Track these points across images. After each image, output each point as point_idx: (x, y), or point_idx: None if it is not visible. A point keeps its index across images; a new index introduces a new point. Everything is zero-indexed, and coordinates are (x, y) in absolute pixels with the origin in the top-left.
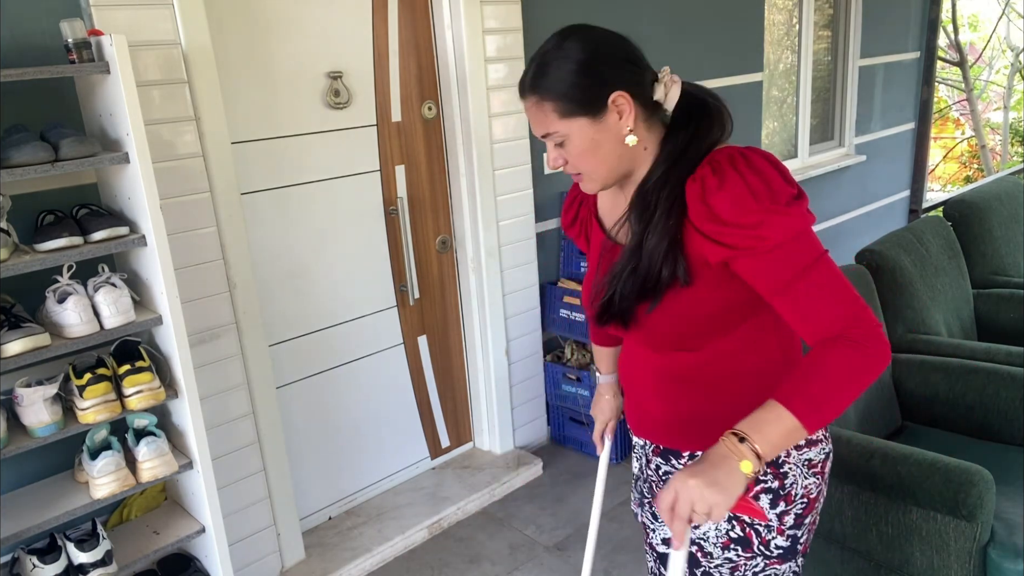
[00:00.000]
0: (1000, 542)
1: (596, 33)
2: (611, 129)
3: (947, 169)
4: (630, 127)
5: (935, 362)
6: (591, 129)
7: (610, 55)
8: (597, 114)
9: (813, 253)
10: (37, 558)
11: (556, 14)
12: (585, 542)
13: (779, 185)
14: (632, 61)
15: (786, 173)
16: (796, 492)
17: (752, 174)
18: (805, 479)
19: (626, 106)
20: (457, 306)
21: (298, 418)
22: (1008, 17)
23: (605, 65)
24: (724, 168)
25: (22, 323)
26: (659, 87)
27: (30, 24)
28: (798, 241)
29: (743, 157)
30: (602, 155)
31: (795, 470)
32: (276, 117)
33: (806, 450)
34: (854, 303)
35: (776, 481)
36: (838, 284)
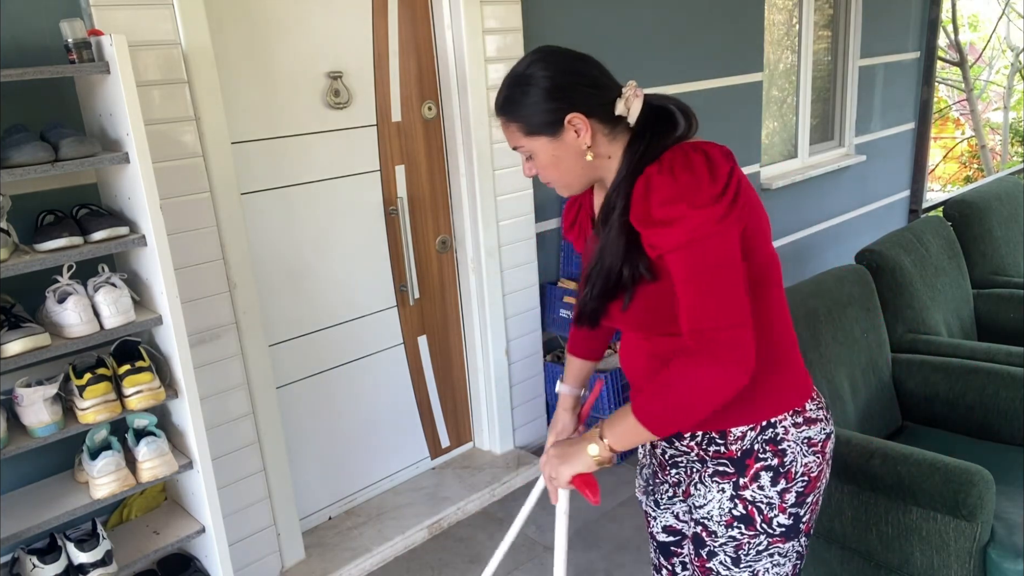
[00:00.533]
0: (1000, 542)
1: (560, 59)
2: (570, 145)
3: (947, 169)
4: (587, 144)
5: (935, 362)
6: (551, 146)
7: (569, 81)
8: (555, 133)
9: (709, 259)
10: (37, 558)
11: (556, 14)
12: (585, 542)
13: (704, 184)
14: (591, 84)
15: (717, 170)
16: (796, 470)
17: (684, 172)
18: (805, 457)
19: (582, 126)
20: (457, 306)
21: (298, 418)
22: (1008, 17)
23: (563, 91)
24: (664, 167)
25: (22, 323)
26: (620, 103)
27: (30, 24)
28: (700, 243)
29: (683, 155)
30: (564, 168)
31: (794, 447)
32: (276, 117)
33: (805, 428)
34: (724, 318)
35: (776, 459)
36: (719, 296)
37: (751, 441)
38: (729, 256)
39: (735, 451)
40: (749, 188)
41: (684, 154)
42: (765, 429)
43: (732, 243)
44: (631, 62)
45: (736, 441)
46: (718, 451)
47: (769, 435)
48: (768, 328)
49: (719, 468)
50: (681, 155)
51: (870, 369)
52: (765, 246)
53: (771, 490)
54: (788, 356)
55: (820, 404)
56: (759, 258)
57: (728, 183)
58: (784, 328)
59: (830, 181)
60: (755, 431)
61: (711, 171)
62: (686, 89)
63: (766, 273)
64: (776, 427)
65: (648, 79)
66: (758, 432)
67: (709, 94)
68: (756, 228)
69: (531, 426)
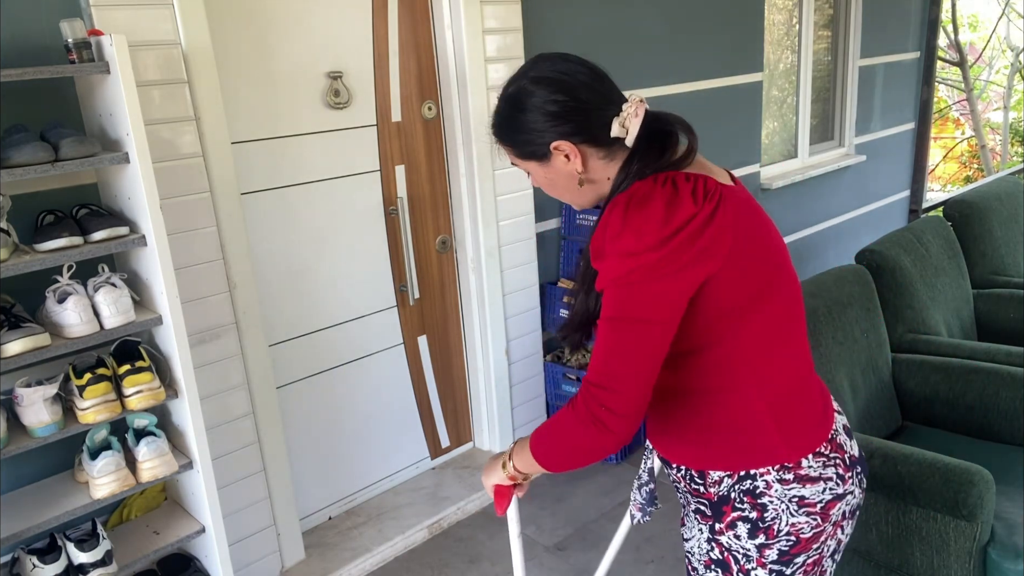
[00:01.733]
0: (1000, 542)
1: (553, 79)
2: (560, 169)
3: (947, 169)
4: (579, 169)
5: (935, 362)
6: (542, 170)
7: (560, 107)
8: (543, 159)
9: (625, 308)
10: (37, 558)
11: (556, 14)
12: (584, 542)
13: (651, 227)
14: (584, 108)
15: (676, 212)
16: (780, 527)
17: (637, 210)
18: (793, 516)
19: (570, 152)
20: (457, 306)
21: (298, 418)
22: (1008, 17)
23: (552, 117)
24: (625, 199)
25: (22, 323)
26: (616, 124)
27: (30, 24)
28: (623, 289)
29: (649, 188)
30: (560, 189)
31: (778, 504)
32: (276, 117)
33: (796, 486)
34: (610, 379)
35: (754, 512)
36: (616, 353)
37: (728, 488)
38: (648, 309)
39: (713, 494)
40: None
41: (651, 188)
42: (743, 479)
43: (658, 296)
44: (631, 62)
45: (714, 484)
46: (697, 490)
47: (747, 486)
48: (755, 372)
49: (700, 507)
50: (647, 188)
51: (870, 369)
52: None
53: (748, 542)
54: (784, 405)
55: (833, 462)
56: (734, 297)
57: (681, 229)
58: (782, 375)
59: (830, 181)
60: (732, 479)
61: (668, 212)
62: (686, 89)
63: (749, 312)
64: (756, 480)
65: (648, 79)
66: (735, 480)
67: (709, 94)
68: (738, 271)
69: (531, 426)
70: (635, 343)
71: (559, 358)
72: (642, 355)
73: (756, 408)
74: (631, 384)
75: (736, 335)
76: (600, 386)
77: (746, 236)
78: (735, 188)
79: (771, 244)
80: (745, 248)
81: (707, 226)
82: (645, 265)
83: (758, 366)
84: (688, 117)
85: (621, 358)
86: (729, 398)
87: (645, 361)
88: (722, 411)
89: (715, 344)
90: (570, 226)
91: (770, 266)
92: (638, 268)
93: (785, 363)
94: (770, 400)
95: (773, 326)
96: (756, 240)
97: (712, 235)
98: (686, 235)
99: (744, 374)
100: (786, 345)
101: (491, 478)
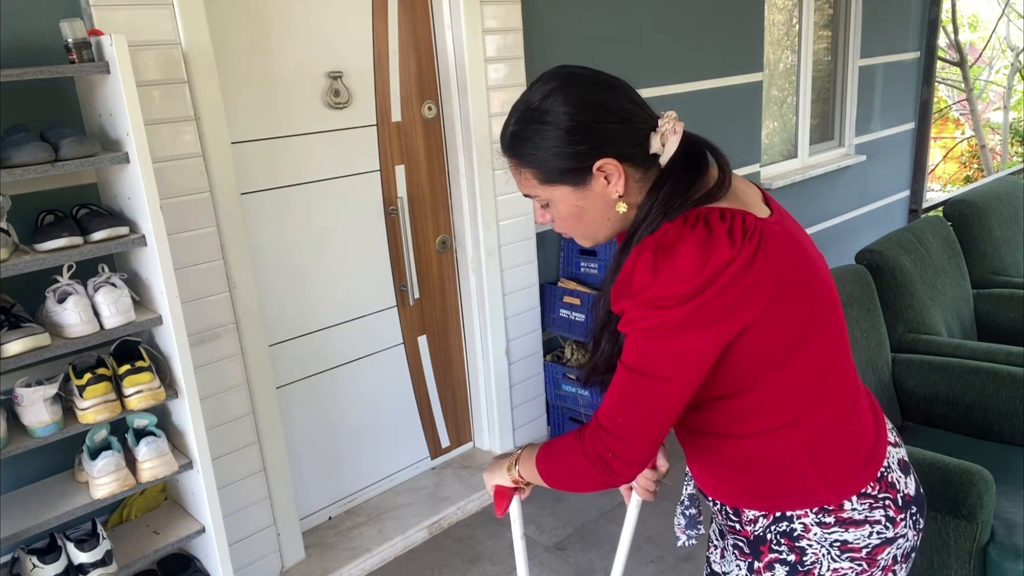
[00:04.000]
0: (1000, 542)
1: (583, 88)
2: (597, 195)
3: (947, 169)
4: (619, 193)
5: (935, 362)
6: (574, 197)
7: (598, 117)
8: (580, 183)
9: (644, 361)
10: (37, 558)
11: (556, 14)
12: (584, 542)
13: (680, 277)
14: (625, 120)
15: (710, 258)
16: (820, 572)
17: (667, 258)
18: (835, 561)
19: (614, 172)
20: (457, 306)
21: (298, 418)
22: (1008, 17)
23: (591, 131)
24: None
25: (22, 323)
26: (655, 138)
27: (30, 24)
28: (645, 342)
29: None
30: (587, 220)
31: (817, 548)
32: (276, 117)
33: (838, 530)
34: (619, 428)
35: (792, 555)
36: (630, 403)
37: (763, 528)
38: (669, 367)
39: (749, 532)
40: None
41: (683, 229)
42: (779, 520)
43: (682, 353)
44: (631, 62)
45: (749, 523)
46: (733, 527)
47: (784, 527)
48: (793, 414)
49: (737, 543)
50: (677, 230)
51: (870, 369)
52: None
53: None
54: (824, 445)
55: (882, 503)
56: (773, 342)
57: (716, 278)
58: (823, 414)
59: (830, 181)
60: (767, 519)
61: (701, 257)
62: (686, 89)
63: (789, 354)
64: (793, 522)
65: (648, 79)
66: (771, 521)
67: (709, 94)
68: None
69: (531, 426)
70: (651, 399)
71: (559, 358)
72: (657, 411)
73: (791, 450)
74: (643, 436)
75: (774, 379)
76: (609, 432)
77: (789, 277)
78: (775, 219)
79: (815, 278)
80: (788, 290)
81: (747, 271)
82: (672, 320)
83: (797, 408)
84: (688, 117)
85: (636, 411)
86: (764, 440)
87: (659, 417)
88: (756, 453)
89: (750, 389)
90: None
91: (814, 303)
92: (666, 322)
93: (827, 401)
94: (808, 440)
95: (815, 365)
96: (800, 278)
97: (752, 280)
98: (722, 283)
99: (781, 417)
100: (829, 381)
101: (494, 478)
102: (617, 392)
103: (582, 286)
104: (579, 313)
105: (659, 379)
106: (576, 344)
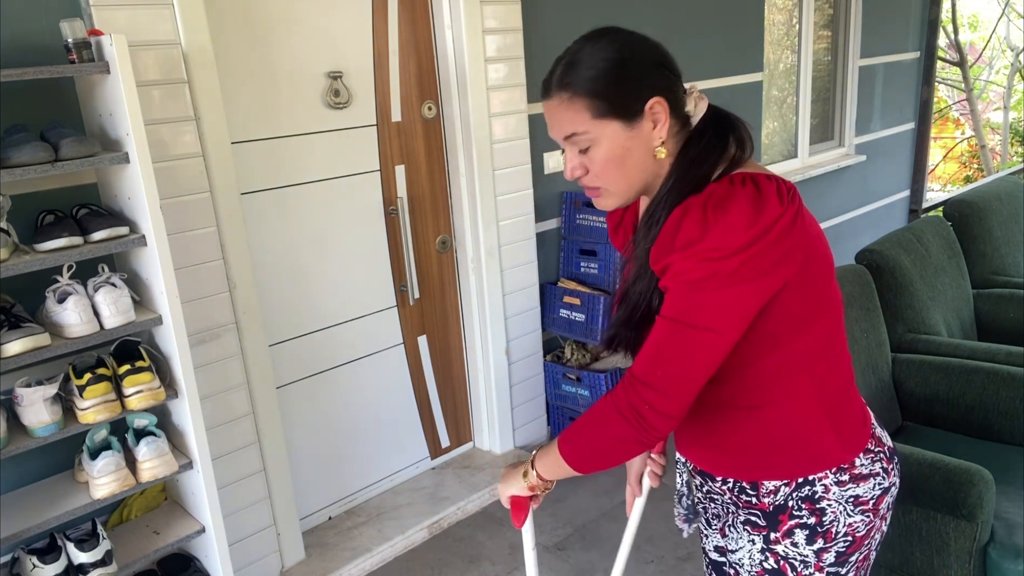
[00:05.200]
0: (1000, 542)
1: (629, 35)
2: (643, 138)
3: (947, 169)
4: (663, 138)
5: (935, 362)
6: (623, 135)
7: (647, 57)
8: (633, 119)
9: (691, 312)
10: (37, 558)
11: (556, 14)
12: (584, 542)
13: (735, 230)
14: (668, 67)
15: (762, 214)
16: (838, 529)
17: (719, 213)
18: (850, 517)
19: (662, 114)
20: (457, 306)
21: (298, 418)
22: (1008, 17)
23: (643, 67)
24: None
25: (22, 323)
26: (690, 99)
27: (30, 24)
28: (692, 293)
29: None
30: (629, 166)
31: (836, 507)
32: (276, 117)
33: (852, 486)
34: (661, 380)
35: (813, 517)
36: (672, 356)
37: (784, 497)
38: (716, 318)
39: (767, 504)
40: (803, 233)
41: (732, 187)
42: (801, 486)
43: (729, 304)
44: None
45: (768, 495)
46: (749, 501)
47: (806, 492)
48: (813, 378)
49: (751, 518)
50: (726, 188)
51: (870, 369)
52: (814, 291)
53: (806, 548)
54: (837, 408)
55: (878, 456)
56: (801, 305)
57: (767, 232)
58: (835, 378)
59: (830, 181)
60: (789, 487)
61: (754, 212)
62: None
63: (811, 320)
64: (815, 485)
65: None
66: (793, 488)
67: (709, 94)
68: (806, 277)
69: (531, 426)
70: (695, 351)
71: (559, 358)
72: (699, 363)
73: (814, 415)
74: (682, 389)
75: (795, 342)
76: (648, 385)
77: (814, 242)
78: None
79: (827, 251)
80: (814, 254)
81: (791, 229)
82: (725, 270)
83: (817, 372)
84: None
85: (677, 363)
86: (786, 409)
87: (701, 369)
88: (779, 423)
89: (771, 352)
90: (570, 226)
91: (829, 274)
92: (716, 273)
93: (839, 365)
94: (827, 405)
95: (829, 331)
96: (819, 246)
97: (795, 239)
98: (773, 237)
99: (803, 382)
100: (841, 345)
101: (510, 488)
102: (656, 344)
103: (582, 286)
104: (579, 313)
105: (703, 329)
106: (576, 344)
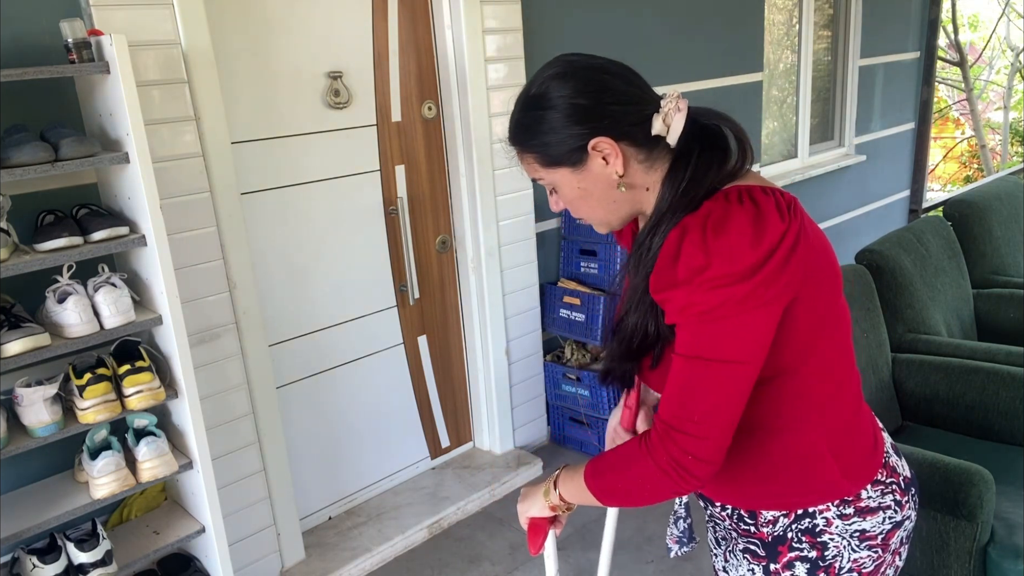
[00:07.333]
0: (1000, 542)
1: (581, 72)
2: (598, 175)
3: (947, 169)
4: (619, 172)
5: (935, 362)
6: (575, 179)
7: (593, 98)
8: (578, 163)
9: (712, 346)
10: (37, 558)
11: (556, 14)
12: (584, 542)
13: (739, 252)
14: (620, 100)
15: (765, 232)
16: (841, 565)
17: (718, 234)
18: (855, 552)
19: (610, 151)
20: (457, 306)
21: (298, 418)
22: (1008, 17)
23: (586, 111)
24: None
25: (22, 323)
26: (657, 119)
27: (30, 24)
28: (708, 325)
29: (726, 207)
30: (594, 202)
31: (839, 541)
32: (276, 117)
33: (857, 520)
34: (695, 424)
35: (814, 551)
36: (702, 395)
37: (784, 528)
38: (737, 348)
39: (766, 534)
40: (809, 247)
41: (729, 205)
42: (801, 518)
43: (748, 332)
44: (631, 62)
45: (767, 524)
46: (747, 530)
47: (806, 525)
48: (817, 403)
49: (750, 546)
50: (723, 207)
51: (870, 369)
52: (821, 307)
53: None
54: (843, 435)
55: (889, 488)
56: (808, 323)
57: (774, 251)
58: (841, 402)
59: (830, 181)
60: (788, 518)
61: (756, 233)
62: (686, 89)
63: (818, 340)
64: (815, 517)
65: (648, 79)
66: (792, 520)
67: (709, 94)
68: (812, 294)
69: (531, 426)
70: (723, 386)
71: (559, 358)
72: (730, 398)
73: (815, 443)
74: (717, 429)
75: (800, 366)
76: (683, 431)
77: (817, 253)
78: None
79: (833, 264)
80: (817, 267)
81: (797, 244)
82: (735, 297)
83: (819, 398)
84: None
85: (707, 402)
86: (786, 436)
87: (733, 405)
88: (778, 450)
89: (776, 376)
90: (570, 226)
91: (835, 288)
92: (726, 302)
93: (844, 391)
94: (830, 433)
95: (835, 352)
96: (822, 257)
97: (801, 254)
98: (780, 256)
99: (803, 408)
100: (845, 369)
101: (529, 509)
102: (680, 386)
103: (582, 286)
104: (579, 313)
105: (727, 363)
106: (576, 344)
